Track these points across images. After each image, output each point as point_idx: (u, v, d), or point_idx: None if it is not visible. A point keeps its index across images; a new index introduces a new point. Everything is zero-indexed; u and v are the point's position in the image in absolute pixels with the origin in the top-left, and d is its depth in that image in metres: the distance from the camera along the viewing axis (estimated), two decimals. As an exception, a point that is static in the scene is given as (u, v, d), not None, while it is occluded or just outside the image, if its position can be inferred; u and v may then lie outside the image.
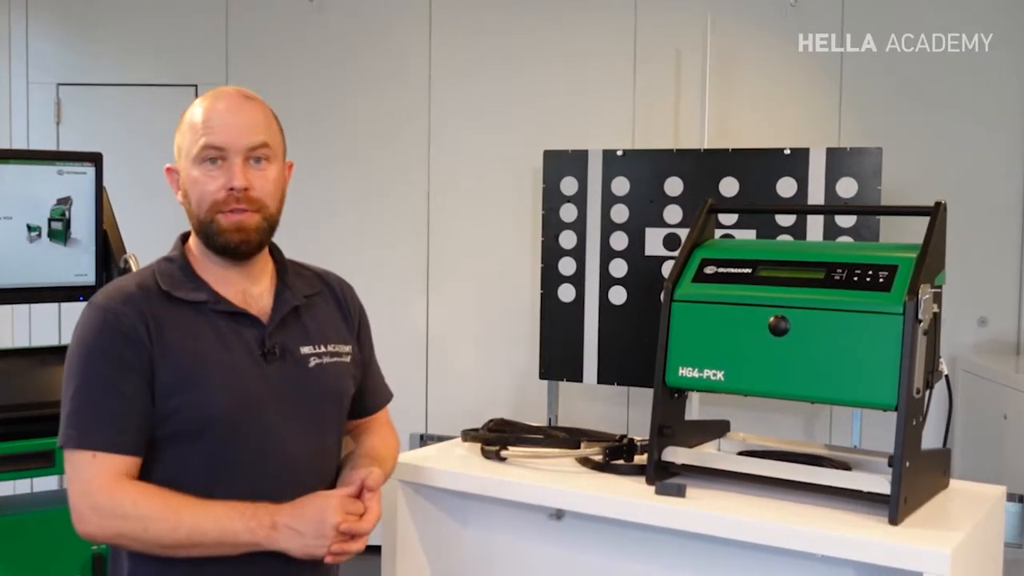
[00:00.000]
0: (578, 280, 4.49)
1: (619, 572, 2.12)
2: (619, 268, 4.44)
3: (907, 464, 1.78)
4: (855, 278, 1.86)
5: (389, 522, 2.20)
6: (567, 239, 4.51)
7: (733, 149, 4.27)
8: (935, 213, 1.89)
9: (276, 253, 1.92)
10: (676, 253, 4.36)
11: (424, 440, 4.93)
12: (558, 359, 4.53)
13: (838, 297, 1.85)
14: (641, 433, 2.18)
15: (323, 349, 1.86)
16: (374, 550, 2.29)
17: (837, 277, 1.88)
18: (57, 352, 2.52)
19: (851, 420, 4.42)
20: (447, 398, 5.15)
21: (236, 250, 1.77)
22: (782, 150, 4.16)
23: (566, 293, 4.51)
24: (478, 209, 5.11)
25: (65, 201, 2.57)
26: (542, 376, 4.56)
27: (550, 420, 4.62)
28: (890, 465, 1.80)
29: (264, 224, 1.80)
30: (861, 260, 1.89)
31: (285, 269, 1.90)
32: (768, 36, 4.94)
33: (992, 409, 4.29)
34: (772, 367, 1.89)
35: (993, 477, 3.51)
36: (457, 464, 2.20)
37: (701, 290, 2.00)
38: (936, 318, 1.87)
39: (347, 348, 1.91)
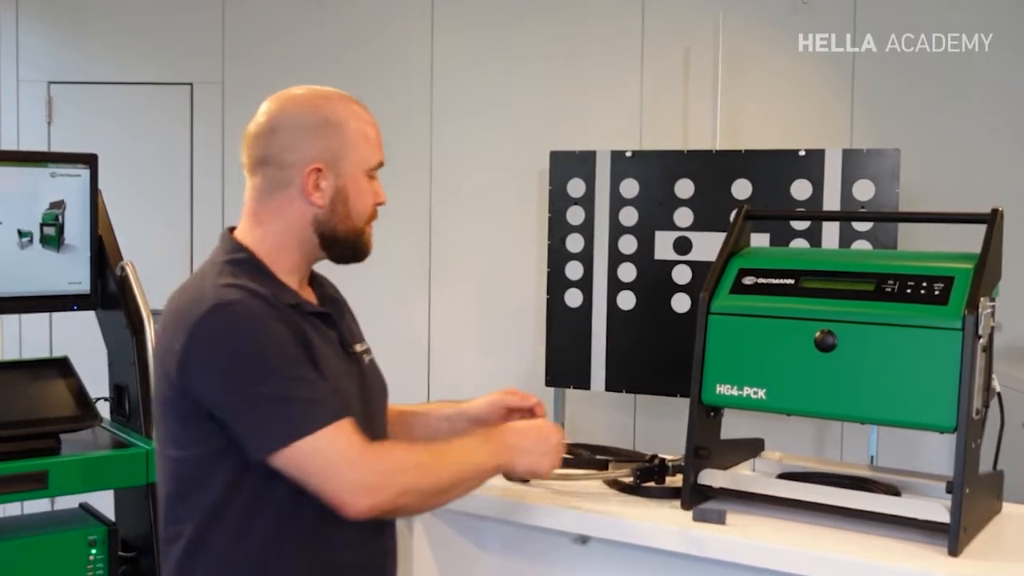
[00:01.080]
0: (585, 285, 4.37)
1: (649, 600, 2.00)
2: (628, 272, 4.33)
3: (967, 491, 1.65)
4: (908, 290, 1.74)
5: (404, 546, 2.08)
6: (574, 242, 4.38)
7: (746, 150, 4.15)
8: (992, 220, 1.77)
9: None
10: (687, 257, 4.27)
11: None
12: (565, 366, 4.41)
13: (890, 311, 1.73)
14: (648, 443, 2.09)
15: (364, 347, 1.87)
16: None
17: (888, 289, 1.76)
18: (51, 365, 2.39)
19: (865, 434, 4.32)
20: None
21: (364, 259, 1.83)
22: (797, 151, 4.04)
23: (573, 298, 4.39)
24: (481, 210, 4.99)
25: (58, 205, 2.43)
26: (548, 383, 4.43)
27: (556, 428, 4.49)
28: (948, 491, 1.68)
29: None
30: (914, 271, 1.77)
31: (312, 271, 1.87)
32: (778, 35, 4.82)
33: (1012, 418, 4.18)
34: (818, 385, 1.77)
35: (1016, 490, 3.40)
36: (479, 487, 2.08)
37: (740, 302, 1.88)
38: (992, 333, 1.75)
39: (368, 345, 1.90)
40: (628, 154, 4.30)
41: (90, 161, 2.48)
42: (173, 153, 4.91)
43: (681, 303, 4.24)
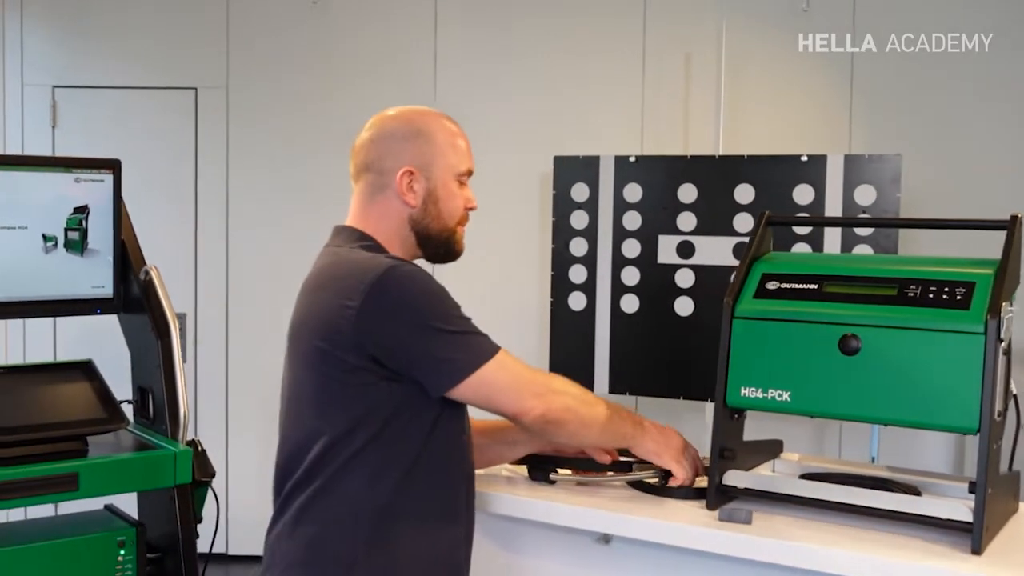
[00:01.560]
0: (589, 288, 4.41)
1: (672, 599, 2.04)
2: (631, 276, 4.36)
3: (989, 490, 1.70)
4: (930, 295, 1.78)
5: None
6: (578, 246, 4.42)
7: (748, 156, 4.19)
8: (1012, 227, 1.82)
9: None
10: (690, 261, 4.31)
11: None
12: (568, 369, 4.42)
13: (913, 315, 1.77)
14: None
15: None
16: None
17: (911, 294, 1.80)
18: (75, 367, 2.42)
19: (863, 434, 4.37)
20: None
21: (457, 257, 2.04)
22: (799, 157, 4.09)
23: (577, 301, 4.43)
24: (484, 215, 4.95)
25: (82, 210, 2.46)
26: (552, 386, 4.46)
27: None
28: (970, 491, 1.72)
29: None
30: (936, 276, 1.81)
31: None
32: (778, 40, 4.87)
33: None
34: (843, 388, 1.81)
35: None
36: (503, 487, 2.12)
37: (764, 306, 1.92)
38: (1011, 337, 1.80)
39: None
40: (631, 159, 4.34)
41: (114, 167, 2.50)
42: (178, 157, 4.93)
43: (684, 306, 4.28)
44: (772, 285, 1.94)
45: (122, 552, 2.26)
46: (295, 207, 4.79)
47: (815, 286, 1.90)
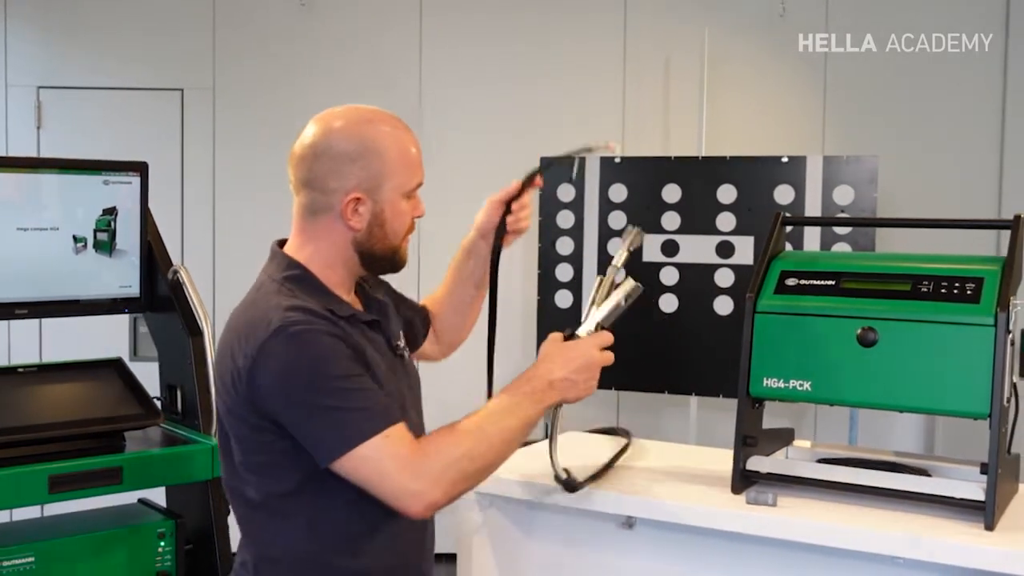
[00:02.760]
0: (575, 286, 4.53)
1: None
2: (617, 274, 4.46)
3: (1000, 471, 1.83)
4: (943, 290, 1.91)
5: (465, 533, 2.20)
6: (564, 245, 4.54)
7: (731, 157, 4.33)
8: (1016, 227, 1.95)
9: None
10: (674, 259, 4.44)
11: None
12: (555, 365, 4.54)
13: (927, 309, 1.90)
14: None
15: (403, 343, 1.98)
16: (450, 558, 2.30)
17: (924, 289, 1.93)
18: (107, 365, 2.48)
19: (840, 419, 4.52)
20: (438, 405, 5.12)
21: (400, 270, 1.91)
22: (779, 158, 4.24)
23: (563, 299, 4.55)
24: (470, 214, 5.09)
25: (111, 211, 2.52)
26: (539, 382, 4.56)
27: (546, 426, 4.63)
28: (982, 472, 1.85)
29: None
30: (947, 273, 1.94)
31: None
32: (756, 43, 5.02)
33: None
34: (861, 377, 1.94)
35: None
36: (523, 473, 2.21)
37: (785, 301, 2.04)
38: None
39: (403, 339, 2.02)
40: (617, 160, 4.46)
41: (141, 169, 2.57)
42: (164, 159, 4.94)
43: (669, 304, 4.42)
44: (791, 281, 2.06)
45: (162, 544, 2.34)
46: (283, 209, 4.82)
47: (833, 282, 2.02)
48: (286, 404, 1.66)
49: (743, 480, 2.05)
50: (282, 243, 1.89)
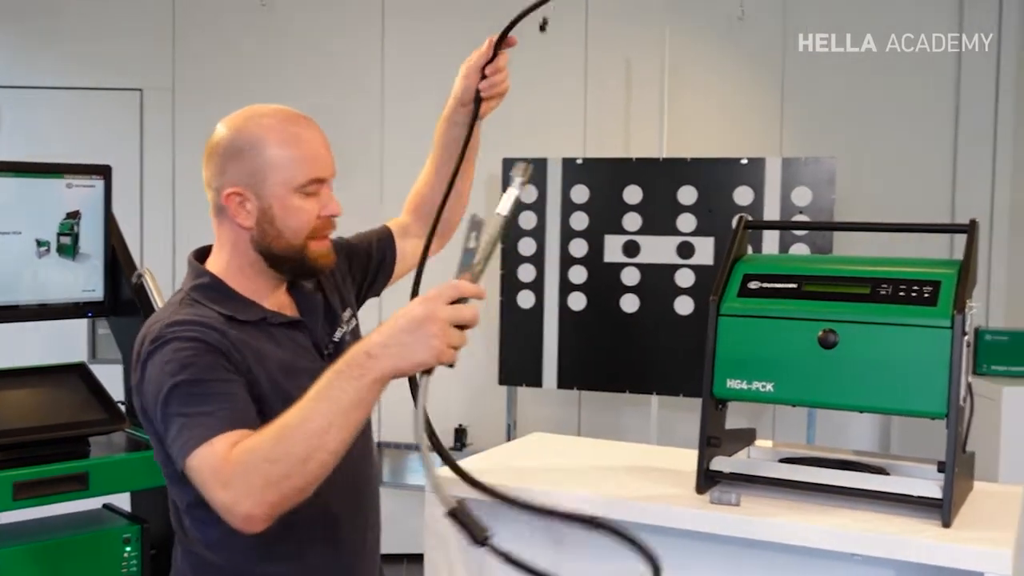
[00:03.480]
0: (537, 287, 4.56)
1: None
2: (578, 275, 4.52)
3: (956, 469, 1.87)
4: (901, 293, 1.96)
5: (431, 532, 2.21)
6: (526, 246, 4.57)
7: (691, 158, 4.38)
8: (971, 231, 2.00)
9: None
10: (635, 260, 4.48)
11: (379, 448, 4.92)
12: (518, 365, 4.58)
13: (886, 312, 1.94)
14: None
15: (344, 328, 1.97)
16: (416, 558, 2.31)
17: (883, 292, 1.97)
18: (70, 370, 2.47)
19: (798, 419, 4.59)
20: (401, 406, 5.13)
21: (322, 273, 1.86)
22: (739, 160, 4.29)
23: (525, 299, 4.57)
24: (431, 216, 5.11)
25: (74, 215, 2.51)
26: (502, 382, 4.60)
27: (508, 426, 4.67)
28: (939, 471, 1.90)
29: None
30: (905, 276, 1.98)
31: None
32: (716, 46, 5.07)
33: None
34: (822, 378, 1.97)
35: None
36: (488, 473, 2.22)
37: (748, 305, 2.07)
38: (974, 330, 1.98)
39: (350, 311, 2.02)
40: (579, 161, 4.49)
41: (104, 172, 2.56)
42: (123, 160, 4.89)
43: (630, 304, 4.46)
44: (754, 285, 2.09)
45: (127, 549, 2.34)
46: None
47: (795, 285, 2.06)
48: (156, 415, 1.65)
49: (707, 480, 2.08)
50: (202, 251, 1.89)
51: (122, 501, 2.61)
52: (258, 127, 1.79)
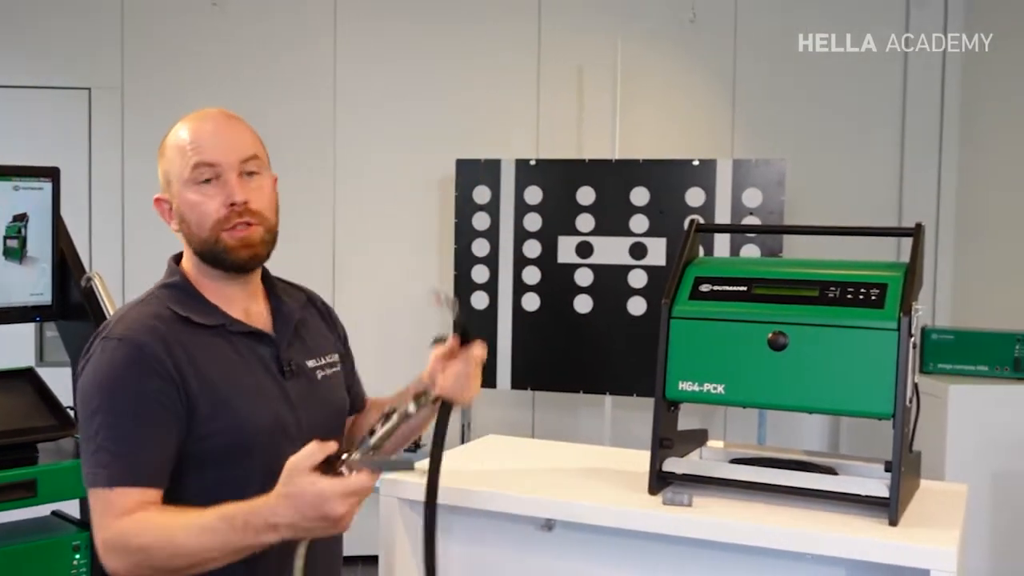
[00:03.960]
0: (491, 288, 4.56)
1: (614, 581, 2.18)
2: (532, 275, 4.53)
3: (903, 469, 1.91)
4: (849, 296, 1.99)
5: (386, 535, 2.21)
6: (480, 247, 4.57)
7: (643, 160, 4.41)
8: (917, 234, 2.03)
9: (263, 269, 1.95)
10: (588, 260, 4.50)
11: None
12: (472, 366, 4.57)
13: (834, 314, 1.97)
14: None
15: (323, 361, 1.94)
16: (371, 560, 2.30)
17: (831, 295, 2.00)
18: (17, 375, 2.43)
19: (748, 420, 4.64)
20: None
21: (245, 266, 1.81)
22: (691, 161, 4.33)
23: (479, 300, 4.58)
24: (384, 217, 5.11)
25: (21, 218, 2.48)
26: (456, 383, 4.58)
27: (463, 427, 4.67)
28: (886, 470, 1.93)
29: (267, 236, 1.84)
30: (853, 279, 2.01)
31: (274, 284, 1.95)
32: (668, 49, 5.11)
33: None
34: (772, 380, 2.00)
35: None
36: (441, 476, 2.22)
37: (699, 307, 2.09)
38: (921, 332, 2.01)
39: (336, 357, 1.99)
40: (532, 162, 4.51)
41: (52, 175, 2.53)
42: (70, 160, 4.83)
43: (583, 304, 4.48)
44: (705, 288, 2.11)
45: (77, 556, 2.31)
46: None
47: (745, 288, 2.08)
48: (80, 417, 1.70)
49: (660, 481, 2.10)
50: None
51: (71, 508, 2.58)
52: (171, 130, 1.82)
